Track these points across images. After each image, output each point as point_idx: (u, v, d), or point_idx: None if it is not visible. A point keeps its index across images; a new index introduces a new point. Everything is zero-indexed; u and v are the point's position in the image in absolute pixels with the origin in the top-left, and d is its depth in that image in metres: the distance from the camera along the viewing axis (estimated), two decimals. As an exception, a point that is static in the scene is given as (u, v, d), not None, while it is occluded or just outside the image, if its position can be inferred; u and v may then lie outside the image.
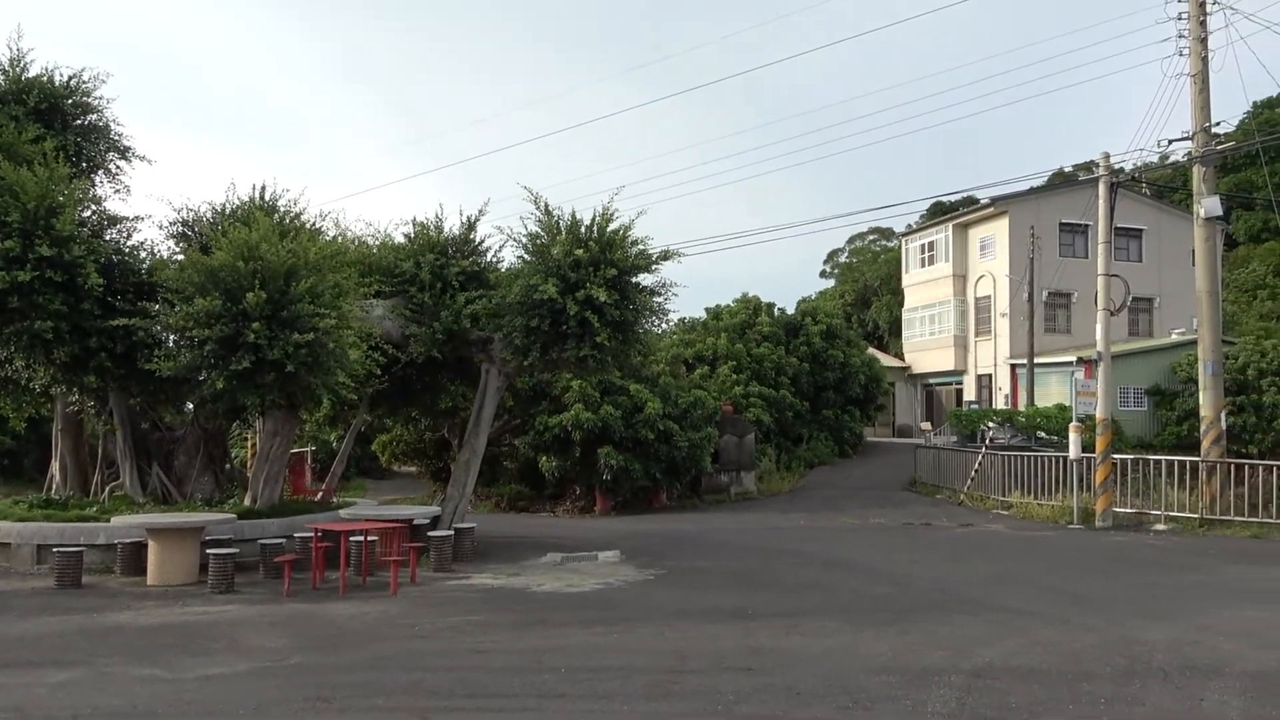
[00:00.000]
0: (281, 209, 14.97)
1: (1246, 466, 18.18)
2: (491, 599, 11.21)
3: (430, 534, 13.97)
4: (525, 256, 15.12)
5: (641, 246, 14.93)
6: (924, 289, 43.63)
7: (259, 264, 12.23)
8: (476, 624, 9.65)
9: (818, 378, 31.96)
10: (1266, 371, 28.93)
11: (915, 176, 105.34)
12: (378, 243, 17.00)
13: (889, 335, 50.94)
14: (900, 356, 45.70)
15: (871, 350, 40.49)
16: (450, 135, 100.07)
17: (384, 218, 57.19)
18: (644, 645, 8.57)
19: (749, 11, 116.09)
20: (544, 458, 22.60)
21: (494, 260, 16.80)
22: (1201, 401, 19.07)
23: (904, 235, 47.90)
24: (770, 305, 33.93)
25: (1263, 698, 6.62)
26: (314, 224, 15.38)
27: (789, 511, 21.86)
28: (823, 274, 71.80)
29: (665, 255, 15.18)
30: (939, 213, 50.05)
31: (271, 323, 12.11)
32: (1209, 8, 19.01)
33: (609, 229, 14.66)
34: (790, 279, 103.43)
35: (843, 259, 69.00)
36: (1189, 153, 19.46)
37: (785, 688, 7.03)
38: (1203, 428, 18.90)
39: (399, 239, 16.81)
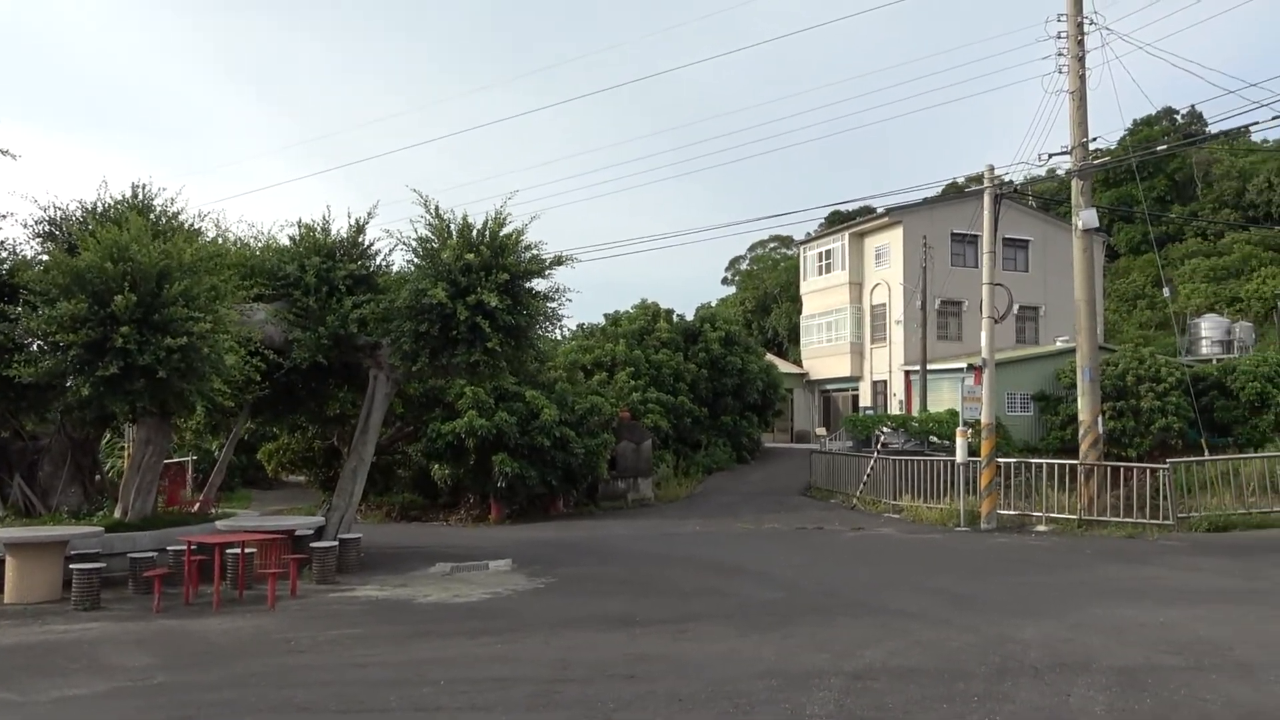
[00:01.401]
0: (157, 208, 14.42)
1: (1123, 469, 19.04)
2: (375, 611, 10.98)
3: (313, 545, 13.60)
4: (415, 260, 14.95)
5: (535, 251, 14.94)
6: (821, 296, 44.56)
7: (129, 265, 11.76)
8: (356, 637, 9.43)
9: (716, 384, 32.30)
10: (1144, 378, 30.42)
11: (815, 185, 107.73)
12: (261, 245, 16.53)
13: (788, 342, 51.87)
14: (799, 363, 46.56)
15: (770, 357, 41.14)
16: (341, 136, 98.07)
17: (269, 219, 55.71)
18: (528, 655, 8.50)
19: (652, 18, 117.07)
20: (437, 465, 22.28)
21: (383, 264, 16.52)
22: (1080, 407, 19.92)
23: (803, 243, 48.84)
24: (669, 312, 34.18)
25: (1126, 692, 6.92)
26: (192, 224, 14.86)
27: (685, 518, 22.03)
28: (724, 281, 72.81)
29: (559, 260, 15.19)
30: (837, 221, 51.24)
31: (142, 327, 11.66)
32: (1086, 28, 19.90)
33: (502, 233, 14.62)
34: (693, 286, 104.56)
35: (744, 266, 70.06)
36: (1069, 167, 20.33)
37: (667, 694, 7.06)
38: (1081, 432, 19.74)
39: (284, 241, 16.37)
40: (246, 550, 12.61)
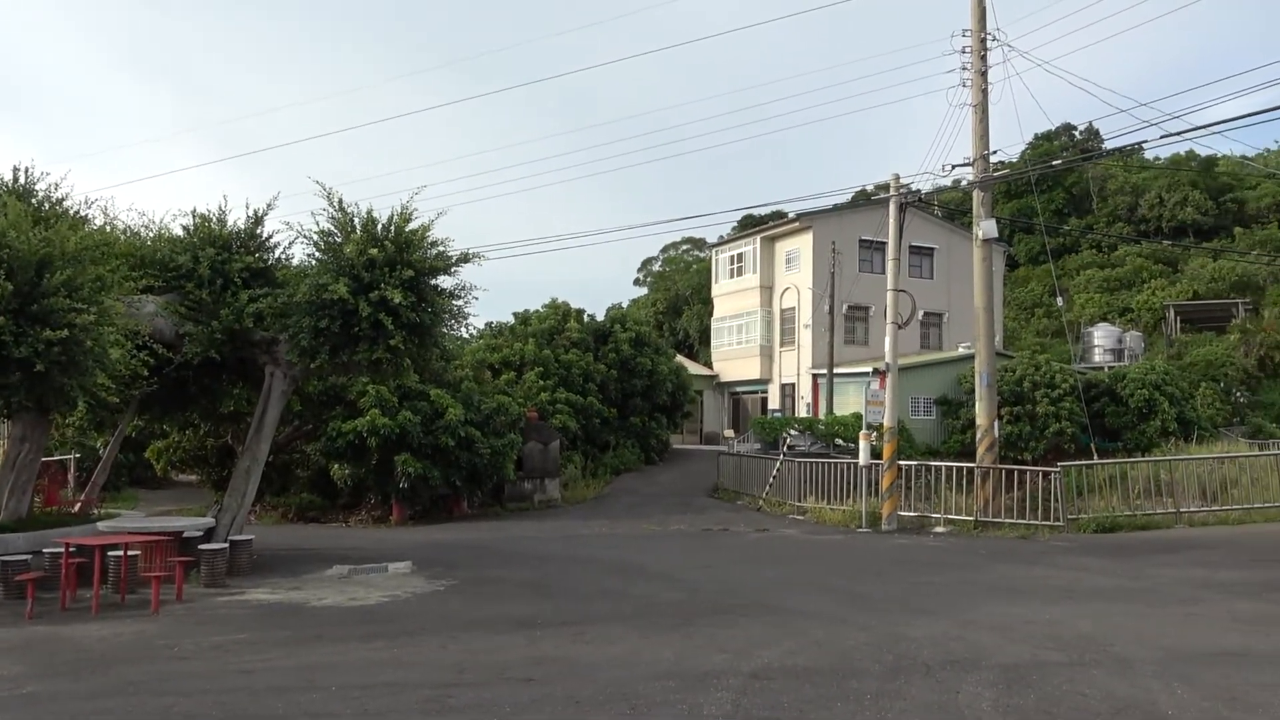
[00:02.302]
0: (40, 193, 13.77)
1: (1018, 472, 19.70)
2: (265, 615, 10.68)
3: (202, 547, 13.16)
4: (316, 255, 14.64)
5: (442, 248, 14.80)
6: (732, 299, 45.07)
7: (6, 253, 11.21)
8: (244, 642, 9.15)
9: (626, 385, 32.38)
10: (1040, 384, 31.58)
11: (729, 188, 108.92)
12: (152, 234, 15.93)
13: (699, 344, 52.31)
14: (709, 365, 46.99)
15: (681, 358, 41.43)
16: (240, 124, 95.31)
17: (162, 208, 53.84)
18: (424, 659, 8.37)
19: (568, 16, 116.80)
20: (337, 465, 21.81)
21: (283, 257, 16.12)
22: (978, 411, 20.55)
23: (715, 246, 49.33)
24: (580, 312, 34.14)
25: (1012, 688, 7.15)
26: (78, 211, 14.23)
27: (592, 519, 22.01)
28: (636, 282, 73.05)
29: (466, 257, 15.05)
30: (749, 225, 51.91)
31: (19, 318, 11.13)
32: (989, 44, 20.56)
33: (407, 229, 14.43)
34: (604, 286, 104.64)
35: (656, 267, 70.40)
36: (970, 178, 20.94)
37: (565, 697, 7.03)
38: (978, 435, 20.37)
39: (177, 231, 15.82)
40: (129, 553, 12.13)
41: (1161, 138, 29.12)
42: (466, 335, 25.15)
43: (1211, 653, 8.20)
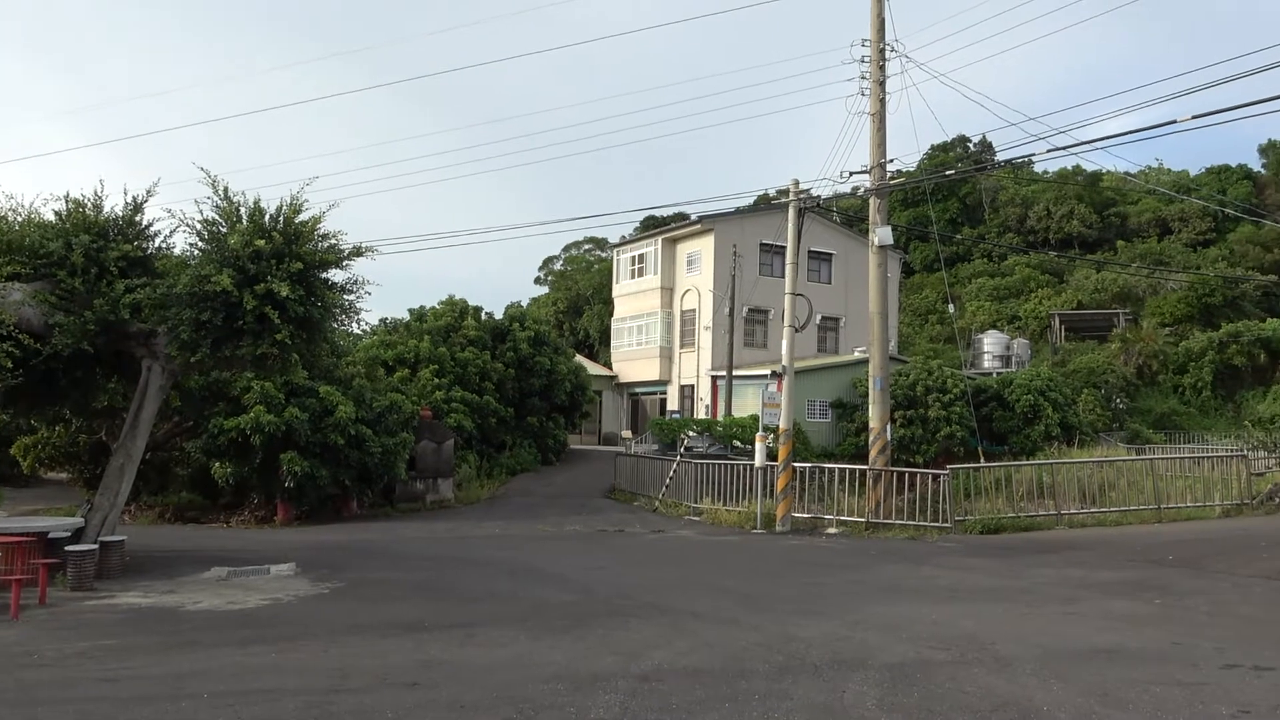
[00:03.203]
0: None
1: (908, 475, 20.26)
2: (135, 620, 10.23)
3: (69, 549, 12.54)
4: (199, 245, 14.14)
5: (333, 241, 14.50)
6: (633, 300, 45.24)
7: None
8: (111, 649, 8.75)
9: (524, 384, 32.19)
10: (932, 389, 32.60)
11: (631, 189, 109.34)
12: (21, 219, 15.11)
13: (599, 344, 52.37)
14: (609, 365, 47.08)
15: (580, 358, 41.41)
16: (122, 106, 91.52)
17: (32, 192, 51.22)
18: (305, 664, 8.14)
19: (474, 10, 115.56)
20: (218, 464, 21.08)
21: (163, 246, 15.49)
22: (871, 415, 21.07)
23: (616, 246, 49.46)
24: (478, 309, 33.83)
25: (897, 687, 7.33)
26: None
27: (486, 520, 21.80)
28: (537, 280, 72.74)
29: (359, 251, 14.77)
30: (651, 226, 52.19)
31: None
32: (888, 54, 21.10)
33: (297, 220, 14.09)
34: (504, 284, 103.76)
35: (557, 266, 70.22)
36: (868, 186, 21.46)
37: (450, 701, 6.92)
38: (872, 438, 20.89)
39: (48, 216, 15.04)
40: (-13, 555, 11.48)
41: (1049, 152, 30.39)
42: (359, 331, 24.62)
43: (1086, 651, 8.55)
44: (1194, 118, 14.57)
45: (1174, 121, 14.82)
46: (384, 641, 9.00)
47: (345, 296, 14.75)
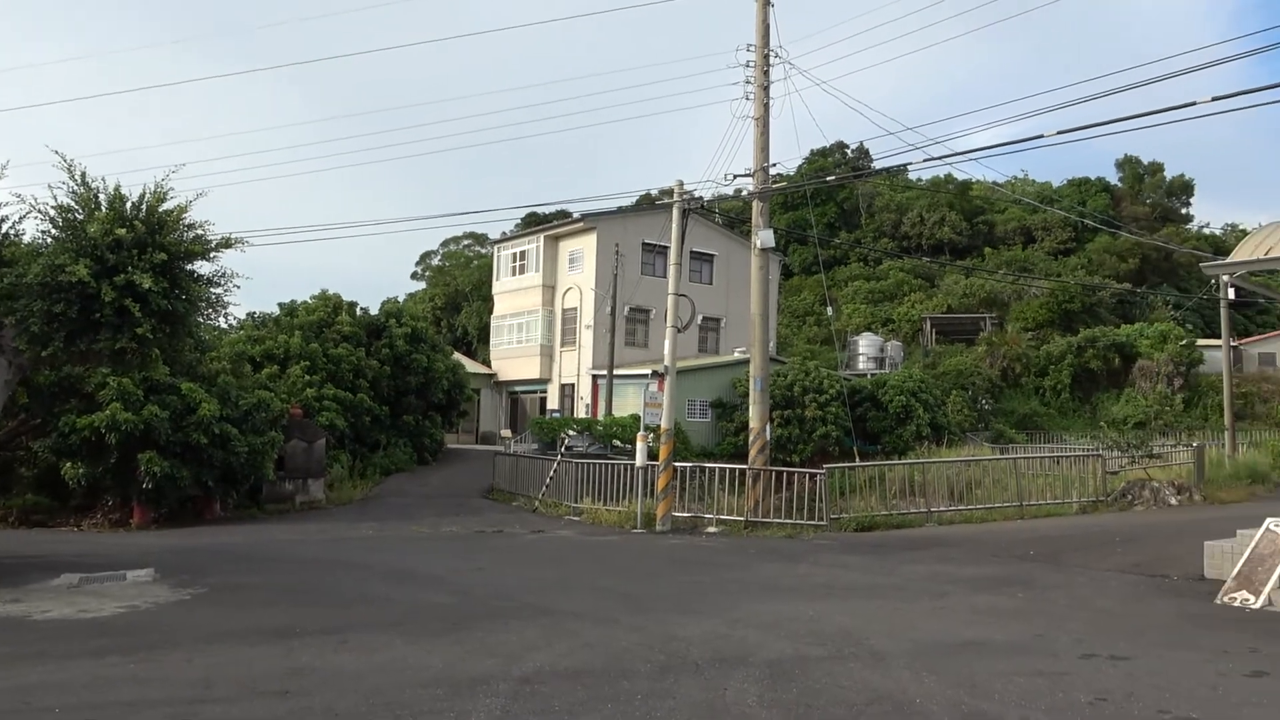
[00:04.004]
0: None
1: (786, 474, 20.72)
2: (-26, 632, 9.61)
3: (-103, 556, 11.69)
4: (53, 232, 13.43)
5: (200, 231, 14.04)
6: (514, 297, 44.94)
7: None
8: (-53, 663, 8.20)
9: (400, 382, 31.61)
10: (809, 389, 33.43)
11: (513, 185, 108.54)
12: None
13: (478, 342, 51.84)
14: (488, 363, 46.65)
15: (459, 356, 40.93)
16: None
17: None
18: (166, 674, 7.80)
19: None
20: (69, 464, 19.99)
21: (11, 233, 14.60)
22: (751, 414, 21.46)
23: (497, 242, 49.04)
24: (352, 305, 33.07)
25: (776, 683, 7.49)
26: None
27: (359, 521, 21.32)
28: (414, 276, 71.48)
29: (227, 242, 14.30)
30: (533, 223, 51.94)
31: None
32: (772, 60, 21.52)
33: (161, 208, 13.58)
34: (380, 279, 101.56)
35: (435, 262, 69.16)
36: (751, 188, 21.85)
37: (324, 709, 6.75)
38: (751, 438, 21.28)
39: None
40: None
41: (924, 161, 31.56)
42: (225, 325, 23.75)
43: (956, 644, 8.92)
44: (1059, 133, 15.36)
45: (1041, 136, 15.57)
46: (251, 649, 8.70)
47: (212, 289, 14.29)
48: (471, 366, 43.48)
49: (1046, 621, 9.98)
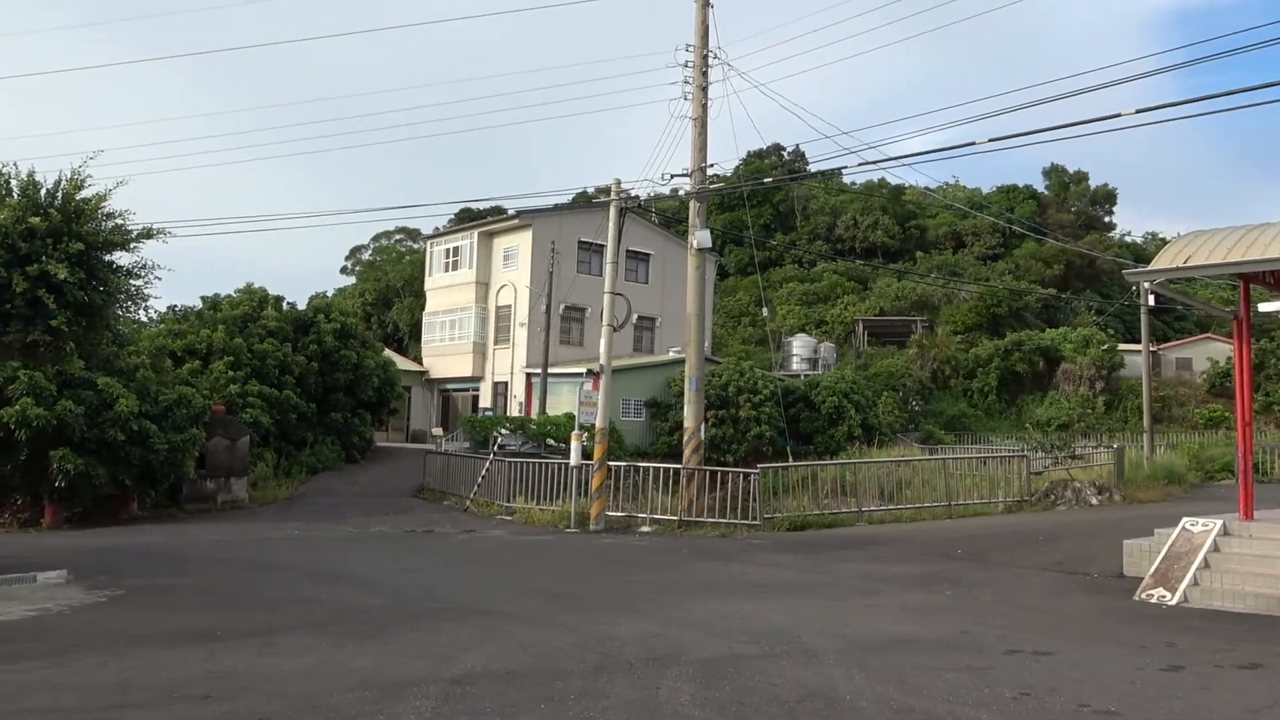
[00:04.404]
0: None
1: (720, 473, 20.87)
2: (-126, 637, 9.22)
3: None
4: (-41, 220, 12.93)
5: (120, 220, 13.69)
6: (447, 294, 44.52)
7: None
8: None
9: (328, 378, 31.11)
10: (744, 389, 33.69)
11: (447, 180, 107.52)
12: None
13: (409, 338, 51.26)
14: (419, 360, 46.16)
15: (389, 353, 40.43)
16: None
17: None
18: (81, 680, 7.57)
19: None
20: (-26, 462, 19.30)
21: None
22: (686, 414, 21.56)
23: (430, 238, 48.53)
24: (279, 299, 32.43)
25: (709, 681, 7.55)
26: None
27: (284, 521, 20.93)
28: (344, 270, 70.35)
29: (148, 233, 13.96)
30: (467, 219, 51.50)
31: None
32: (711, 61, 21.63)
33: (78, 196, 13.19)
34: (309, 273, 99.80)
35: (366, 256, 68.16)
36: (688, 188, 21.93)
37: (248, 713, 6.62)
38: (686, 438, 21.38)
39: None
40: None
41: (859, 165, 31.97)
42: (145, 319, 23.16)
43: (886, 641, 9.08)
44: (990, 140, 15.74)
45: (972, 143, 15.93)
46: (171, 652, 8.49)
47: (131, 281, 13.94)
48: (402, 363, 42.96)
49: (973, 618, 10.21)
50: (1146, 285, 22.78)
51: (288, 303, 33.03)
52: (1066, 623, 10.08)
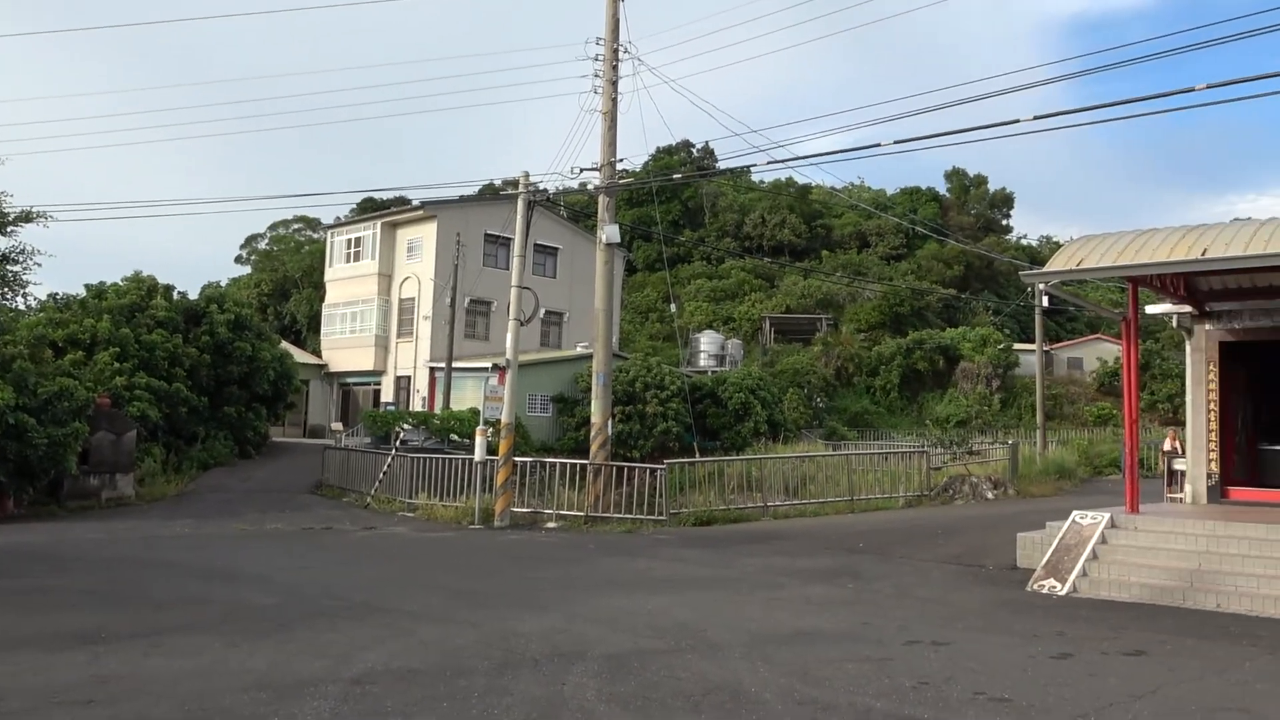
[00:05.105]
0: None
1: (626, 469, 20.96)
2: None
3: None
4: None
5: (-5, 203, 13.01)
6: (348, 285, 43.67)
7: None
8: None
9: (221, 371, 30.21)
10: (651, 385, 33.89)
11: (349, 168, 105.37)
12: None
13: (308, 331, 50.10)
14: (318, 353, 45.18)
15: (287, 345, 39.50)
16: None
17: None
18: (-51, 685, 7.20)
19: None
20: None
21: None
22: (593, 409, 21.57)
23: (331, 228, 47.52)
24: (169, 288, 31.36)
25: (614, 676, 7.57)
26: None
27: (174, 518, 20.25)
28: (239, 260, 68.33)
29: (28, 216, 13.44)
30: (370, 209, 50.54)
31: None
32: (621, 55, 21.65)
33: (-51, 173, 12.48)
34: (201, 262, 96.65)
35: (263, 245, 66.33)
36: (597, 183, 21.93)
37: (134, 717, 6.39)
38: (593, 433, 21.39)
39: None
40: None
41: (767, 163, 32.47)
42: (23, 306, 22.13)
43: (789, 634, 9.24)
44: (895, 142, 16.17)
45: (878, 145, 16.31)
46: (51, 656, 8.13)
47: (9, 267, 13.36)
48: (300, 356, 41.98)
49: (874, 610, 10.47)
50: (1041, 286, 23.69)
51: (179, 292, 32.00)
52: (963, 614, 10.41)
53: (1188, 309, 15.54)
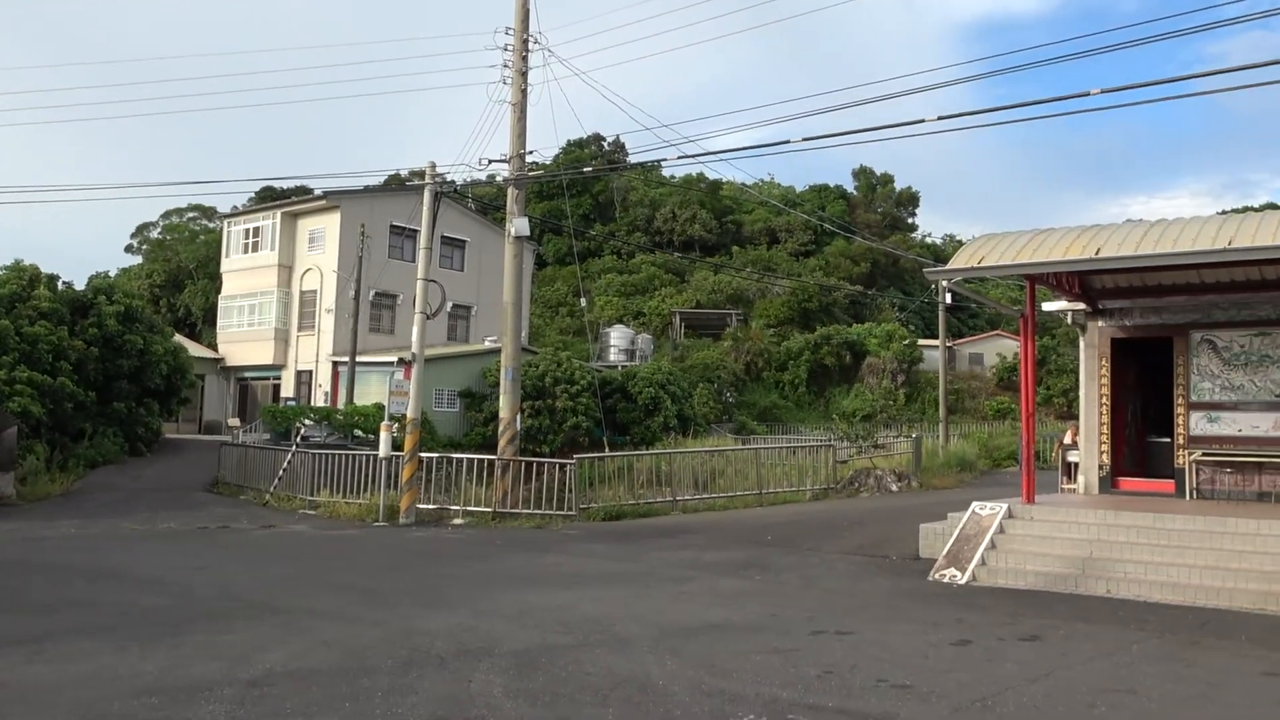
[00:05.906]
0: None
1: (536, 464, 20.86)
2: None
3: None
4: None
5: None
6: (246, 276, 42.54)
7: None
8: None
9: (110, 365, 29.10)
10: (561, 380, 33.82)
11: (247, 156, 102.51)
12: None
13: (203, 323, 48.69)
14: (214, 347, 43.94)
15: (181, 338, 38.28)
16: None
17: None
18: None
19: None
20: None
21: None
22: (502, 404, 21.40)
23: (228, 217, 46.25)
24: (53, 278, 30.09)
25: (522, 672, 7.55)
26: None
27: (58, 518, 19.44)
28: (130, 249, 65.93)
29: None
30: (270, 198, 49.29)
31: None
32: (531, 46, 21.49)
33: None
34: (89, 251, 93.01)
35: (155, 235, 64.12)
36: (506, 175, 21.76)
37: (14, 726, 6.14)
38: (501, 428, 21.24)
39: None
40: None
41: (678, 158, 32.65)
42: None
43: (698, 626, 9.34)
44: (804, 140, 16.42)
45: (788, 141, 16.60)
46: (-78, 664, 7.75)
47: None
48: (196, 350, 40.75)
49: (781, 602, 10.64)
50: (944, 283, 24.34)
51: (64, 282, 30.74)
52: (867, 603, 10.66)
53: (1082, 306, 16.14)
